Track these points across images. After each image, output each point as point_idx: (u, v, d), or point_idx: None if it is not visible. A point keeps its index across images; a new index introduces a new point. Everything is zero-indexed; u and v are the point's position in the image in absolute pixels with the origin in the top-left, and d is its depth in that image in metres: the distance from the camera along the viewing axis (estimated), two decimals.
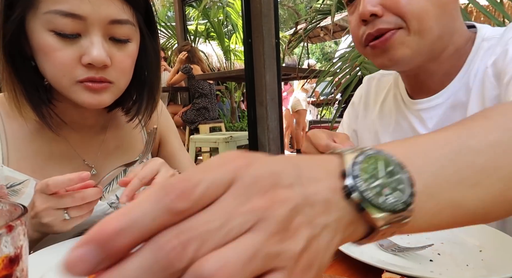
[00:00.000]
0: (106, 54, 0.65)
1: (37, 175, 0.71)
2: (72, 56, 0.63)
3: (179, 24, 5.83)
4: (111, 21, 0.64)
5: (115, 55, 0.67)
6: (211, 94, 4.63)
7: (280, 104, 2.76)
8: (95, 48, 0.63)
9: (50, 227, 0.60)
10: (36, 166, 0.72)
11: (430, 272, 0.52)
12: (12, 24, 0.63)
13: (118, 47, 0.68)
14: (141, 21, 0.72)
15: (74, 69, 0.64)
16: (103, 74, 0.66)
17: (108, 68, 0.66)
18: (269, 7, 2.61)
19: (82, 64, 0.64)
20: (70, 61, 0.63)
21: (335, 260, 0.60)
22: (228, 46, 7.33)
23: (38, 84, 0.69)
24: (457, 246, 0.62)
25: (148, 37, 0.75)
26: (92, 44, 0.63)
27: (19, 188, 0.70)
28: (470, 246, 0.61)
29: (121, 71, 0.69)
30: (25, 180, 0.70)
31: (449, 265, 0.55)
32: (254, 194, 0.21)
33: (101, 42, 0.64)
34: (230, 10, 7.44)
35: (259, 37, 2.60)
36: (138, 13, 0.70)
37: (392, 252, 0.59)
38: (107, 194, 0.81)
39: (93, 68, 0.65)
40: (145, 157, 0.82)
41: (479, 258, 0.57)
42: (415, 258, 0.58)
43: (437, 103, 0.76)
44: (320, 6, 3.20)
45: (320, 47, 16.87)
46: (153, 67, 0.79)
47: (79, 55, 0.63)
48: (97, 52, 0.63)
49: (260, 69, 2.64)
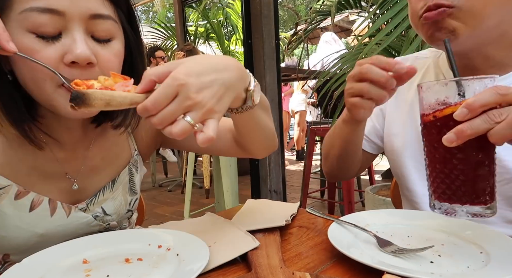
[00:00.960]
0: (91, 51, 0.61)
1: (20, 182, 0.69)
2: (53, 56, 0.59)
3: (179, 25, 5.84)
4: (92, 15, 0.61)
5: (100, 54, 0.63)
6: None
7: (280, 105, 2.76)
8: (78, 44, 0.59)
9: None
10: (20, 173, 0.69)
11: (431, 274, 0.52)
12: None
13: (102, 46, 0.64)
14: (124, 20, 0.69)
15: (57, 71, 0.59)
16: (88, 76, 0.61)
17: (93, 68, 0.62)
18: (269, 8, 2.61)
19: (65, 64, 0.60)
20: (51, 61, 0.59)
21: (335, 262, 0.60)
22: (228, 47, 7.33)
23: (17, 99, 0.64)
24: (457, 248, 0.61)
25: (132, 36, 0.72)
26: (74, 41, 0.59)
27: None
28: (470, 247, 0.61)
29: (107, 71, 0.64)
30: (7, 186, 0.68)
31: (450, 267, 0.55)
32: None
33: (84, 38, 0.60)
34: (230, 11, 7.45)
35: (259, 38, 2.60)
36: (119, 10, 0.68)
37: (392, 254, 0.59)
38: (92, 206, 0.78)
39: (77, 67, 0.61)
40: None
41: (479, 259, 0.57)
42: (416, 259, 0.57)
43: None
44: (320, 7, 3.21)
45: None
46: (139, 70, 0.75)
47: (61, 54, 0.59)
48: (81, 48, 0.59)
49: (260, 70, 2.64)
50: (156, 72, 0.51)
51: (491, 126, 0.48)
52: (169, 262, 0.60)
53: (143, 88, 0.51)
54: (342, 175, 1.00)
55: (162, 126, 0.49)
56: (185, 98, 0.49)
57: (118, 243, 0.67)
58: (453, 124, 0.50)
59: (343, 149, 0.90)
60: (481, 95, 0.49)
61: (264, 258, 0.59)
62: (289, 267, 0.59)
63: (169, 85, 0.48)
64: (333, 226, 0.69)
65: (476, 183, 0.54)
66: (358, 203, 3.23)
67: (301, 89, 6.35)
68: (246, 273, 0.57)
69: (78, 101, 0.46)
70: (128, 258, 0.62)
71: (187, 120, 0.49)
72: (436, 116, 0.54)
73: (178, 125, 0.49)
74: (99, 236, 0.70)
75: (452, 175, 0.54)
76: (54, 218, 0.72)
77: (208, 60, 0.54)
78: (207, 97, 0.51)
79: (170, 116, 0.49)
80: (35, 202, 0.70)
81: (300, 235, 0.73)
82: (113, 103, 0.48)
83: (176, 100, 0.49)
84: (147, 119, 0.50)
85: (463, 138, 0.49)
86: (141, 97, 0.50)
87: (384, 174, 4.30)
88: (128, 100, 0.49)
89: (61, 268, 0.59)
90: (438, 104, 0.54)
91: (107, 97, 0.48)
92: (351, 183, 2.55)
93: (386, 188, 2.69)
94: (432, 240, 0.64)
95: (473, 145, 0.52)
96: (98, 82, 0.53)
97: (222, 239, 0.68)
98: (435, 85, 0.54)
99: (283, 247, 0.67)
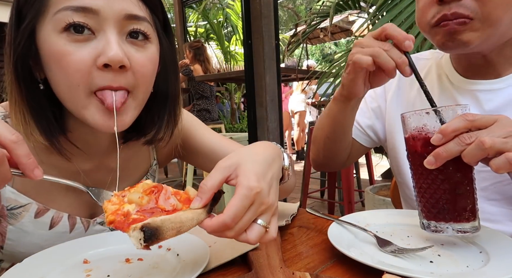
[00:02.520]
0: (124, 53, 0.59)
1: (41, 199, 0.68)
2: (86, 58, 0.57)
3: (179, 25, 5.84)
4: (127, 15, 0.59)
5: (134, 57, 0.61)
6: (211, 96, 4.64)
7: (280, 105, 2.76)
8: (111, 46, 0.57)
9: None
10: (42, 189, 0.68)
11: (430, 273, 0.52)
12: (23, 33, 0.58)
13: (137, 48, 0.62)
14: (159, 28, 0.67)
15: (90, 75, 0.58)
16: (121, 80, 0.60)
17: (126, 72, 0.60)
18: (269, 8, 2.61)
19: (98, 67, 0.58)
20: (84, 64, 0.57)
21: (335, 262, 0.60)
22: (228, 48, 7.33)
23: (48, 110, 0.63)
24: (457, 248, 0.62)
25: (166, 46, 0.69)
26: (108, 43, 0.58)
27: (19, 212, 0.67)
28: (470, 247, 0.61)
29: (141, 76, 0.62)
30: (27, 204, 0.67)
31: (449, 266, 0.55)
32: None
33: (117, 40, 0.59)
34: (230, 11, 7.45)
35: (259, 38, 2.60)
36: (155, 16, 0.66)
37: (392, 254, 0.59)
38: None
39: (110, 71, 0.58)
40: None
41: (479, 259, 0.57)
42: (415, 259, 0.58)
43: (499, 87, 0.77)
44: (319, 8, 3.21)
45: (319, 48, 16.89)
46: (172, 78, 0.72)
47: (94, 56, 0.58)
48: (114, 50, 0.57)
49: (260, 70, 2.64)
50: (215, 184, 0.49)
51: (463, 148, 0.54)
52: (169, 262, 0.60)
53: (206, 202, 0.49)
54: (328, 161, 0.98)
55: (238, 236, 0.48)
56: (260, 204, 0.48)
57: (119, 243, 0.67)
58: (432, 149, 0.56)
59: (331, 129, 0.89)
60: (452, 122, 0.55)
61: (264, 258, 0.60)
62: (289, 267, 0.59)
63: (246, 197, 0.47)
64: (333, 226, 0.69)
65: (457, 201, 0.58)
66: (358, 203, 3.23)
67: (301, 89, 6.36)
68: (246, 273, 0.57)
69: (153, 239, 0.43)
70: (128, 258, 0.62)
71: (260, 224, 0.49)
72: (417, 142, 0.60)
73: (255, 231, 0.48)
74: (100, 236, 0.70)
75: (436, 195, 0.59)
76: (73, 233, 0.72)
77: (260, 156, 0.54)
78: (274, 197, 0.51)
79: (247, 225, 0.48)
80: (55, 219, 0.70)
81: (300, 235, 0.73)
82: (184, 228, 0.46)
83: (252, 208, 0.48)
84: (219, 234, 0.48)
85: (441, 160, 0.56)
86: (203, 213, 0.48)
87: (384, 174, 4.30)
88: (195, 222, 0.47)
89: (61, 268, 0.59)
90: (418, 131, 0.60)
91: (177, 224, 0.45)
92: (351, 183, 2.55)
93: (386, 188, 2.69)
94: (432, 240, 0.64)
95: (451, 167, 0.57)
96: (130, 202, 0.49)
97: (222, 239, 0.68)
98: (413, 115, 0.61)
99: (283, 247, 0.67)
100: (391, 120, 0.95)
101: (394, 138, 0.93)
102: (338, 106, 0.84)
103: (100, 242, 0.68)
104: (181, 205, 0.49)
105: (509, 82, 0.77)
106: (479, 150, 0.52)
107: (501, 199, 0.76)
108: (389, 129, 0.95)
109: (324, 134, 0.92)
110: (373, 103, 0.98)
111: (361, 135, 0.99)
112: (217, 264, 0.59)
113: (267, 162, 0.54)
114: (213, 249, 0.63)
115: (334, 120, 0.87)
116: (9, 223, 0.67)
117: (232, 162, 0.51)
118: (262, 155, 0.55)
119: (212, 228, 0.46)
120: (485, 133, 0.54)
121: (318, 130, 0.95)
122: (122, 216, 0.47)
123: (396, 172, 0.96)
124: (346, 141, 0.93)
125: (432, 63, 0.92)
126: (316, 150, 0.98)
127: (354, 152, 1.00)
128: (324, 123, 0.91)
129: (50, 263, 0.60)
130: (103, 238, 0.70)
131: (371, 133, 0.99)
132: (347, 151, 0.97)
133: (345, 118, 0.86)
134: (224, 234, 0.47)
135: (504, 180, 0.75)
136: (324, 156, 0.96)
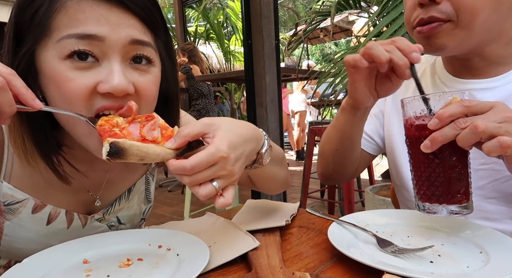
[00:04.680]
0: (128, 81, 0.58)
1: (38, 195, 0.68)
2: (88, 84, 0.56)
3: (179, 25, 5.84)
4: (132, 40, 0.58)
5: (138, 82, 0.60)
6: (210, 94, 4.64)
7: (280, 106, 2.76)
8: (115, 75, 0.56)
9: None
10: (38, 186, 0.68)
11: (431, 274, 0.52)
12: (21, 59, 0.57)
13: (140, 73, 0.61)
14: (162, 48, 0.67)
15: (90, 101, 0.57)
16: (123, 105, 0.58)
17: (129, 96, 0.59)
18: (269, 8, 2.61)
19: (99, 93, 0.56)
20: (85, 89, 0.56)
21: (335, 262, 0.60)
22: (228, 48, 7.33)
23: (47, 130, 0.62)
24: (457, 248, 0.62)
25: (168, 64, 0.69)
26: (112, 71, 0.56)
27: (16, 207, 0.67)
28: (470, 247, 0.61)
29: (145, 100, 0.62)
30: (24, 199, 0.67)
31: (449, 267, 0.55)
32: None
33: (121, 68, 0.57)
34: (230, 11, 7.44)
35: (259, 38, 2.60)
36: (158, 39, 0.65)
37: (392, 254, 0.59)
38: (107, 216, 0.78)
39: (113, 97, 0.57)
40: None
41: (479, 259, 0.57)
42: (416, 259, 0.58)
43: (495, 86, 0.77)
44: (319, 8, 3.21)
45: (319, 48, 16.88)
46: (174, 98, 0.73)
47: (95, 83, 0.56)
48: (118, 79, 0.56)
49: (260, 70, 2.64)
50: (192, 133, 0.54)
51: (458, 132, 0.56)
52: (169, 262, 0.60)
53: (178, 146, 0.53)
54: (337, 175, 0.96)
55: (191, 185, 0.53)
56: (222, 169, 0.52)
57: (119, 243, 0.67)
58: (429, 133, 0.58)
59: (339, 142, 0.88)
60: (449, 107, 0.57)
61: (264, 258, 0.60)
62: (289, 267, 0.59)
63: (212, 155, 0.51)
64: (333, 226, 0.69)
65: (451, 184, 0.60)
66: (358, 203, 3.23)
67: (301, 89, 6.35)
68: (246, 273, 0.57)
69: (116, 156, 0.49)
70: (128, 258, 0.62)
71: (214, 185, 0.53)
72: (415, 127, 0.62)
73: (206, 189, 0.53)
74: (100, 236, 0.70)
75: (431, 178, 0.61)
76: (70, 229, 0.73)
77: (240, 130, 0.59)
78: (237, 169, 0.55)
79: (202, 180, 0.52)
80: (52, 215, 0.70)
81: (300, 235, 0.73)
82: (146, 159, 0.51)
83: (213, 168, 0.52)
84: (178, 175, 0.52)
85: (436, 144, 0.57)
86: (172, 154, 0.53)
87: (384, 174, 4.30)
88: (161, 158, 0.52)
89: (61, 268, 0.59)
90: (416, 117, 0.62)
91: (142, 153, 0.50)
92: (351, 183, 2.55)
93: (386, 188, 2.69)
94: (432, 240, 0.64)
95: (447, 151, 0.59)
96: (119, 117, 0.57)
97: (222, 239, 0.68)
98: (413, 101, 0.63)
99: (283, 247, 0.67)
100: (388, 123, 0.95)
101: (392, 141, 0.93)
102: (345, 117, 0.82)
103: (100, 242, 0.68)
104: (161, 139, 0.55)
105: (506, 80, 0.77)
106: (472, 134, 0.54)
107: (499, 197, 0.76)
108: (387, 132, 0.95)
109: (332, 147, 0.90)
110: (375, 109, 0.98)
111: (368, 144, 0.99)
112: (217, 264, 0.59)
113: (243, 138, 0.58)
114: (213, 249, 0.63)
115: (342, 132, 0.86)
116: (6, 218, 0.67)
117: (214, 122, 0.56)
118: (242, 130, 0.59)
119: (172, 167, 0.51)
120: (481, 119, 0.55)
121: (326, 144, 0.93)
122: (111, 126, 0.54)
123: (394, 175, 0.95)
124: (355, 153, 0.92)
125: (426, 66, 0.93)
126: (326, 164, 0.96)
127: (362, 162, 0.99)
128: (331, 136, 0.90)
129: (50, 263, 0.60)
130: (103, 238, 0.70)
131: (378, 139, 0.98)
132: (356, 163, 0.96)
133: (353, 130, 0.84)
134: (181, 178, 0.52)
135: (502, 177, 0.75)
136: (333, 170, 0.95)
